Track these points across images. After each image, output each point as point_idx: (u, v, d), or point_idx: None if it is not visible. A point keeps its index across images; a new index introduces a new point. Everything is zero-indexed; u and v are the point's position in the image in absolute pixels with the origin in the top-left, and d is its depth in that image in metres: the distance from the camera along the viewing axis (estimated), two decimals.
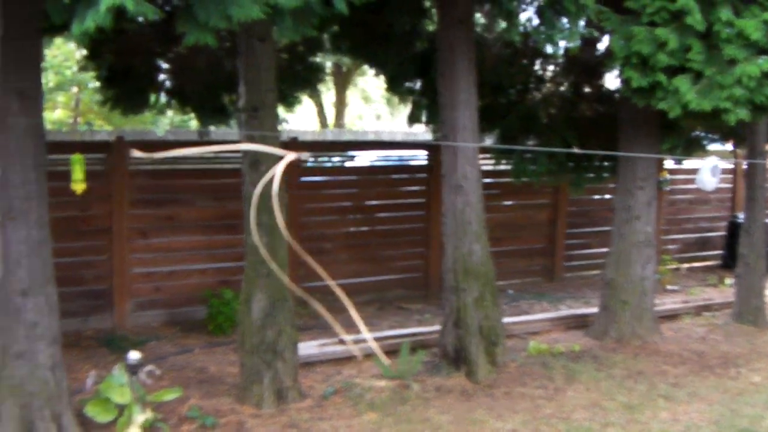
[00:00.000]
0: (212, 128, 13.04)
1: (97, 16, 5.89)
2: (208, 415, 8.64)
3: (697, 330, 12.70)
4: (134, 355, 8.53)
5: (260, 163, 8.83)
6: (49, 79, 21.85)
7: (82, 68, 12.97)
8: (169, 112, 15.70)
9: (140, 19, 6.44)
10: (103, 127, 22.75)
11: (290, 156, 3.50)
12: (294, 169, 12.96)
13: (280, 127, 11.85)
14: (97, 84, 13.58)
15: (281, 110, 12.85)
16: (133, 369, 8.41)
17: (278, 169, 3.48)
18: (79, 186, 10.74)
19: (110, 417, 8.14)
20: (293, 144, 13.21)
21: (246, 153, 8.93)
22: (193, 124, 17.90)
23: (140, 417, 8.05)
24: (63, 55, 22.67)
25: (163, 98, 12.27)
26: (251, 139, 8.86)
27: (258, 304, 8.92)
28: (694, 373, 10.59)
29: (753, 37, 8.98)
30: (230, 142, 12.07)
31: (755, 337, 12.39)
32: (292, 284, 4.71)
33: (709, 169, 14.15)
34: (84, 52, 12.66)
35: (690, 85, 9.34)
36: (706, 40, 9.38)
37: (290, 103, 12.76)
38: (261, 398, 8.93)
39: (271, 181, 3.60)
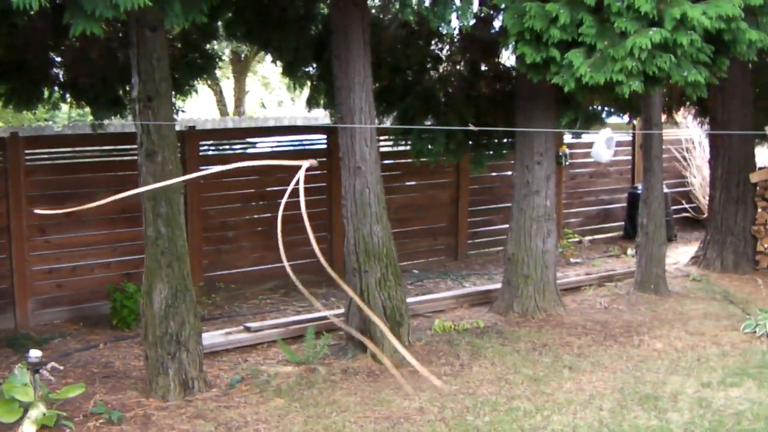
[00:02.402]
0: (108, 121, 12.88)
1: None
2: (114, 409, 8.55)
3: (600, 300, 12.88)
4: (35, 353, 8.39)
5: (156, 153, 8.76)
6: None
7: None
8: (65, 107, 15.48)
9: (31, 11, 6.33)
10: None
11: (306, 163, 3.49)
12: (193, 158, 12.85)
13: (176, 116, 11.77)
14: None
15: (178, 99, 12.73)
16: (35, 367, 8.28)
17: (299, 178, 3.46)
18: None
19: (16, 417, 8.04)
20: (191, 133, 13.12)
21: (141, 143, 8.83)
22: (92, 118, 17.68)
23: (34, 412, 7.94)
24: None
25: (57, 92, 12.08)
26: (146, 130, 8.78)
27: (159, 295, 8.85)
28: (597, 343, 10.75)
29: (643, 9, 9.05)
30: (127, 134, 11.91)
31: (657, 305, 12.59)
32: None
33: (604, 141, 14.36)
34: None
35: (583, 59, 9.40)
36: (597, 13, 9.43)
37: (186, 91, 12.63)
38: (167, 390, 8.88)
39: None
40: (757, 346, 10.67)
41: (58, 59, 11.90)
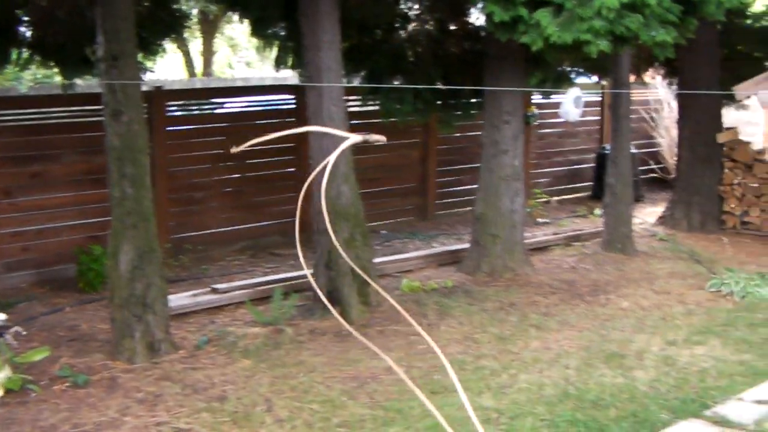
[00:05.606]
0: (79, 81, 12.77)
1: None
2: (80, 372, 8.52)
3: (568, 260, 12.92)
4: (0, 317, 8.35)
5: (122, 113, 8.71)
6: None
7: None
8: (30, 68, 15.35)
9: None
10: None
11: (355, 137, 3.27)
12: (160, 118, 12.77)
13: (143, 76, 11.68)
14: None
15: (146, 60, 12.62)
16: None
17: (336, 152, 3.26)
18: None
19: None
20: (158, 93, 13.02)
21: (107, 103, 8.79)
22: (59, 78, 17.53)
23: (0, 375, 7.89)
24: None
25: (25, 52, 11.95)
26: (111, 89, 8.72)
27: (125, 257, 8.80)
28: (564, 302, 10.80)
29: None
30: (96, 94, 11.82)
31: (624, 264, 12.65)
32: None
33: (572, 100, 14.35)
34: None
35: (551, 18, 9.40)
36: None
37: (153, 51, 12.51)
38: (133, 352, 8.84)
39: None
40: (722, 305, 10.77)
41: (26, 19, 11.76)
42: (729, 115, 16.24)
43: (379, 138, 3.36)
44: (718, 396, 7.89)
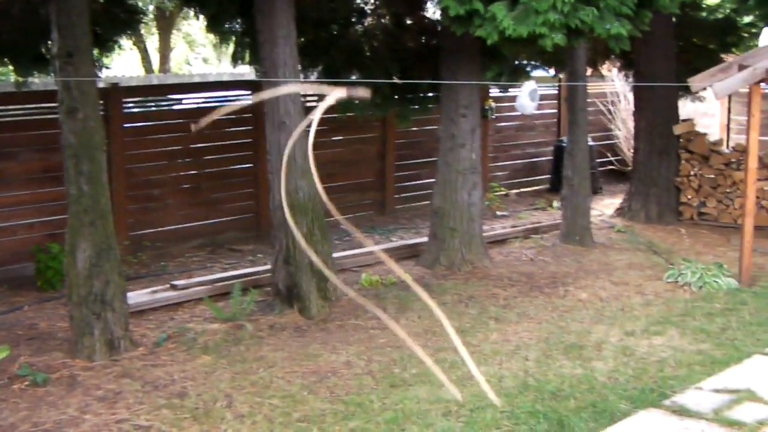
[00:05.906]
0: (35, 79, 12.68)
1: None
2: (40, 371, 8.45)
3: (526, 252, 12.97)
4: None
5: (77, 110, 8.65)
6: None
7: None
8: None
9: None
10: None
11: (337, 92, 3.09)
12: (116, 116, 12.70)
13: (101, 73, 11.60)
14: None
15: (102, 56, 12.54)
16: None
17: (319, 111, 3.09)
18: None
19: None
20: (114, 89, 12.95)
21: (62, 100, 8.73)
22: (14, 76, 17.40)
23: None
24: None
25: None
26: (66, 86, 8.67)
27: (83, 255, 8.76)
28: (523, 294, 10.85)
29: None
30: (53, 92, 11.78)
31: (582, 256, 12.73)
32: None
33: (527, 93, 14.40)
34: None
35: (506, 12, 9.42)
36: None
37: (109, 47, 12.46)
38: (93, 350, 8.79)
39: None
40: (680, 295, 10.86)
41: None
42: (685, 107, 16.37)
43: (363, 94, 3.33)
44: (677, 385, 7.95)
